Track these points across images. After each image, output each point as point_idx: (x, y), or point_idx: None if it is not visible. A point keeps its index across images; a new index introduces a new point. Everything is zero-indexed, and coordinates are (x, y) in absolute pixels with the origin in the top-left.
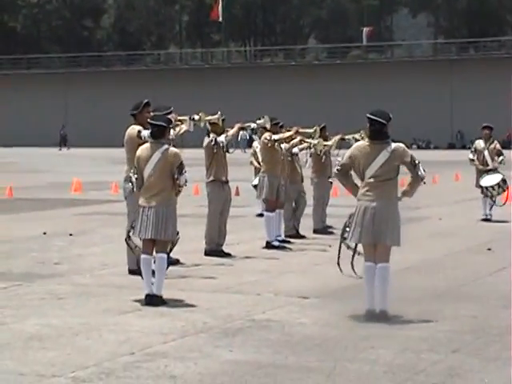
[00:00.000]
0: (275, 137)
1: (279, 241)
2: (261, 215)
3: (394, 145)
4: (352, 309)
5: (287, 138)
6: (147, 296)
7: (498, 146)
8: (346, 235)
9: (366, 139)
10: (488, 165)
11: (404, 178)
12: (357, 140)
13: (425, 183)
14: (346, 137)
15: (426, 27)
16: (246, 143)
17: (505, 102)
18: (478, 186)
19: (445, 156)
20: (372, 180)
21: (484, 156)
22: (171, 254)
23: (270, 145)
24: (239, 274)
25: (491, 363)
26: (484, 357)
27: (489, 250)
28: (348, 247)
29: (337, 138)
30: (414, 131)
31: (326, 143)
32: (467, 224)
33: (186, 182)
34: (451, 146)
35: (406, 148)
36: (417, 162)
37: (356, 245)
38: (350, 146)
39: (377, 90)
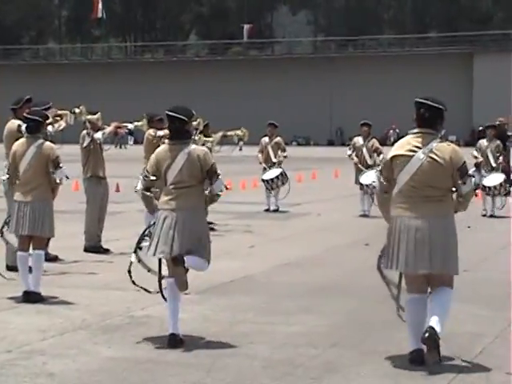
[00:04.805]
0: (160, 133)
1: None
2: None
3: (192, 146)
4: (232, 304)
5: None
6: (24, 293)
7: (377, 143)
8: (143, 244)
9: (245, 137)
10: (366, 162)
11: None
12: (239, 136)
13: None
14: (228, 133)
15: (306, 25)
16: (126, 139)
17: (383, 99)
18: (357, 182)
19: (324, 153)
20: (173, 187)
21: (362, 152)
22: (50, 250)
23: (154, 141)
24: (119, 271)
25: (368, 357)
26: (361, 350)
27: (366, 245)
28: (139, 261)
29: (219, 134)
30: (294, 128)
31: (206, 139)
32: (346, 220)
33: (66, 177)
34: (330, 143)
35: (207, 153)
36: (218, 172)
37: (160, 261)
38: (233, 143)
39: (257, 87)
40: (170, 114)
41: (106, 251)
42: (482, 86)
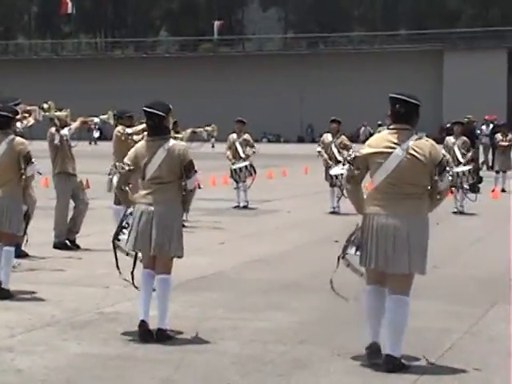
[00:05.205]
0: (128, 130)
1: None
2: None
3: (172, 142)
4: (201, 301)
5: (140, 130)
6: None
7: (346, 140)
8: (120, 236)
9: (215, 132)
10: (336, 158)
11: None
12: (208, 131)
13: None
14: (197, 130)
15: (277, 21)
16: (93, 136)
17: (354, 96)
18: (328, 178)
19: (294, 150)
20: (151, 182)
21: (331, 149)
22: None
23: (123, 138)
24: (89, 267)
25: (338, 353)
26: (330, 347)
27: (336, 241)
28: (117, 249)
29: (188, 131)
30: (264, 125)
31: (176, 135)
32: (315, 216)
33: (39, 172)
34: (301, 140)
35: (186, 148)
36: (196, 168)
37: (136, 253)
38: (203, 139)
39: (227, 83)
40: (148, 110)
41: (77, 247)
42: (452, 83)
